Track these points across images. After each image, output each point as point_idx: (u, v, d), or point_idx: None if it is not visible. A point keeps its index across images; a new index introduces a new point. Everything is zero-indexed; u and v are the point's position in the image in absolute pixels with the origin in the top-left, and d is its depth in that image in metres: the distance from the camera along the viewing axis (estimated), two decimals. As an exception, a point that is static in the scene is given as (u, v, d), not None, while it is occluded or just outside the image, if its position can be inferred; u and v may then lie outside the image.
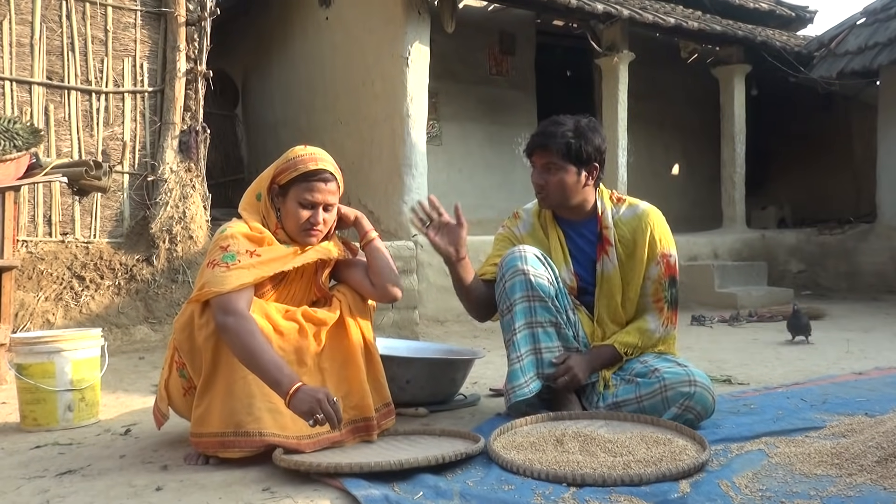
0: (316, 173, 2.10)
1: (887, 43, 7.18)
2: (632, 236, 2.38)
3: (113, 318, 4.62)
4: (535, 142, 2.41)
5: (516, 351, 2.27)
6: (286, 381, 1.86)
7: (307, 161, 2.11)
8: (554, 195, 2.40)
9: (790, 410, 2.42)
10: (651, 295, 2.38)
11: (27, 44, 4.79)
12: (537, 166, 2.42)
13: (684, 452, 1.86)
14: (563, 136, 2.34)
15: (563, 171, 2.36)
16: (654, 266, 2.37)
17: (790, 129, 9.91)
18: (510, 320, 2.29)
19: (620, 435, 2.01)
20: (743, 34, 7.89)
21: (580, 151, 2.34)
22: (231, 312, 1.90)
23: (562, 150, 2.34)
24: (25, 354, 2.54)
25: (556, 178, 2.37)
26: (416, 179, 6.21)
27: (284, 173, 2.11)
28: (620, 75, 7.29)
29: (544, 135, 2.38)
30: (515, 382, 2.25)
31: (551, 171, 2.38)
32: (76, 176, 3.85)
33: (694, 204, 9.36)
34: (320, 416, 1.82)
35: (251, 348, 1.88)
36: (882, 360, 3.64)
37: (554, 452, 1.91)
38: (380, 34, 6.53)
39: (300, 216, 2.10)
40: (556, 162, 2.36)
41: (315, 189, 2.10)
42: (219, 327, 1.92)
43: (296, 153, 2.14)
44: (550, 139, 2.36)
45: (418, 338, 4.64)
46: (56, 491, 1.81)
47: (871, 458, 1.73)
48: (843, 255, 7.81)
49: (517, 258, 2.30)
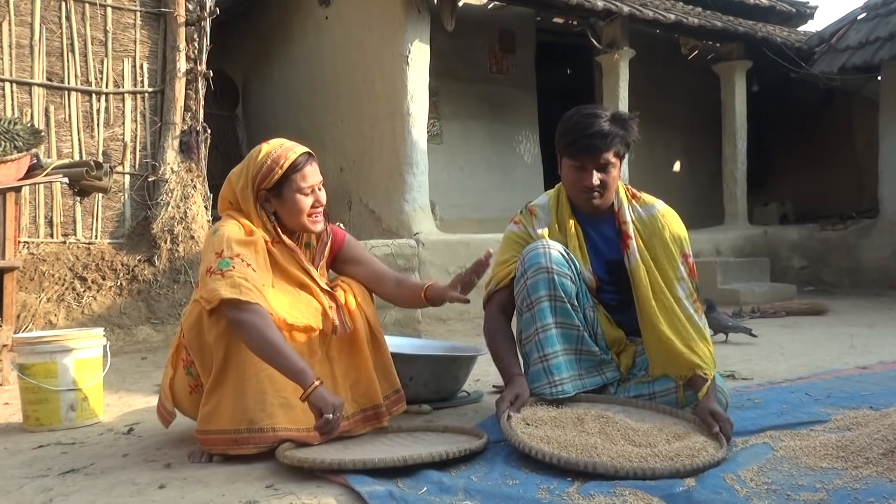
0: (300, 159, 2.12)
1: (888, 38, 7.16)
2: (649, 238, 2.32)
3: (115, 318, 4.62)
4: (590, 144, 2.24)
5: (539, 351, 2.21)
6: (311, 372, 1.89)
7: (286, 153, 2.12)
8: (610, 193, 2.31)
9: (795, 405, 2.41)
10: (690, 295, 2.28)
11: (27, 45, 4.79)
12: (588, 168, 2.26)
13: (704, 450, 1.83)
14: (616, 135, 2.25)
15: (616, 167, 2.29)
16: (682, 266, 2.29)
17: (791, 125, 9.89)
18: (530, 319, 2.23)
19: (643, 424, 2.00)
20: (743, 30, 7.88)
21: (628, 144, 2.29)
22: (244, 308, 1.90)
23: (618, 149, 2.26)
24: (28, 354, 2.54)
25: (612, 176, 2.29)
26: (417, 178, 6.21)
27: (269, 175, 2.10)
28: (621, 72, 7.29)
29: (598, 136, 2.23)
30: (538, 383, 2.19)
31: (608, 171, 2.28)
32: (77, 177, 3.85)
33: (695, 201, 9.35)
34: (331, 417, 1.84)
35: (270, 340, 1.88)
36: (886, 354, 3.63)
37: (573, 432, 1.90)
38: (380, 33, 6.53)
39: (306, 204, 2.12)
40: (612, 160, 2.27)
41: (310, 173, 2.13)
42: (232, 323, 1.92)
43: (267, 154, 2.12)
44: (606, 139, 2.23)
45: (421, 336, 4.63)
46: (59, 490, 1.80)
47: (876, 451, 1.72)
48: (845, 251, 7.80)
49: (540, 254, 2.22)
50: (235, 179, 2.16)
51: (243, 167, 2.15)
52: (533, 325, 2.22)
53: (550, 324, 2.20)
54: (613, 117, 2.28)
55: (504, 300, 2.39)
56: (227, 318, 1.92)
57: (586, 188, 2.29)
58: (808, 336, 4.49)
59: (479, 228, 6.96)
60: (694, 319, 2.23)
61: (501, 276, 2.40)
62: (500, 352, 2.31)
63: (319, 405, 1.85)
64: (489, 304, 2.44)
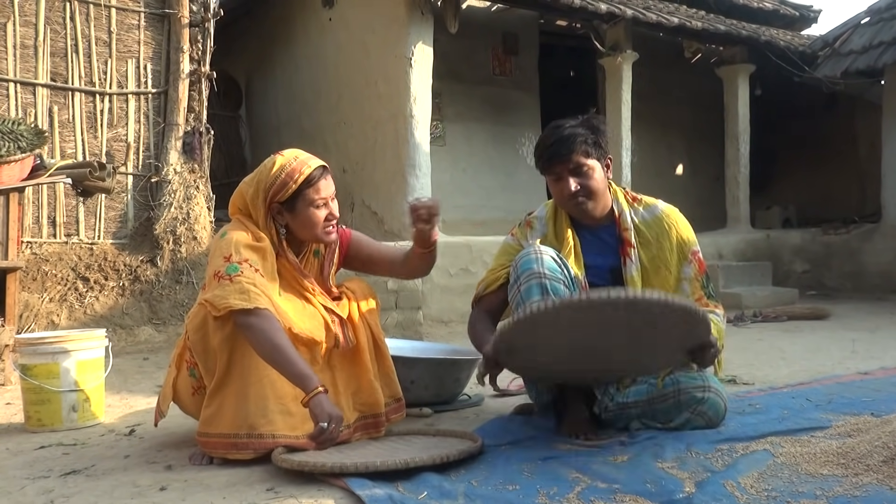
0: (315, 173, 2.11)
1: (892, 42, 7.15)
2: (655, 240, 2.30)
3: (117, 319, 4.63)
4: (554, 152, 2.23)
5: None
6: (316, 377, 1.89)
7: (300, 167, 2.10)
8: (594, 195, 2.27)
9: (795, 410, 2.40)
10: (692, 295, 2.27)
11: (31, 45, 4.81)
12: (564, 176, 2.24)
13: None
14: (578, 135, 2.23)
15: (592, 168, 2.25)
16: (687, 266, 2.29)
17: (794, 129, 9.87)
18: None
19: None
20: (747, 34, 7.88)
21: (598, 143, 2.25)
22: (253, 313, 1.90)
23: (585, 149, 2.23)
24: (30, 355, 2.55)
25: (592, 178, 2.25)
26: (419, 180, 6.21)
27: (284, 189, 2.09)
28: (624, 75, 7.28)
29: (559, 142, 2.23)
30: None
31: (583, 173, 2.24)
32: (80, 177, 3.86)
33: (698, 204, 9.32)
34: (327, 428, 1.83)
35: (278, 344, 1.88)
36: (888, 359, 3.62)
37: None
38: (383, 35, 6.54)
39: (319, 218, 2.12)
40: (584, 162, 2.23)
41: (324, 187, 2.12)
42: (241, 327, 1.92)
43: (281, 167, 2.10)
44: (568, 143, 2.22)
45: (422, 338, 4.63)
46: (60, 491, 1.81)
47: (877, 458, 1.71)
48: (847, 255, 7.79)
49: (532, 260, 2.18)
50: (246, 189, 2.15)
51: (255, 177, 2.14)
52: None
53: None
54: (578, 121, 2.27)
55: (493, 304, 2.39)
56: (235, 322, 1.93)
57: (569, 196, 2.26)
58: (809, 340, 4.48)
59: (481, 230, 6.96)
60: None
61: (491, 280, 2.39)
62: (477, 335, 2.28)
63: (316, 412, 1.84)
64: (477, 305, 2.44)
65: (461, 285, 5.68)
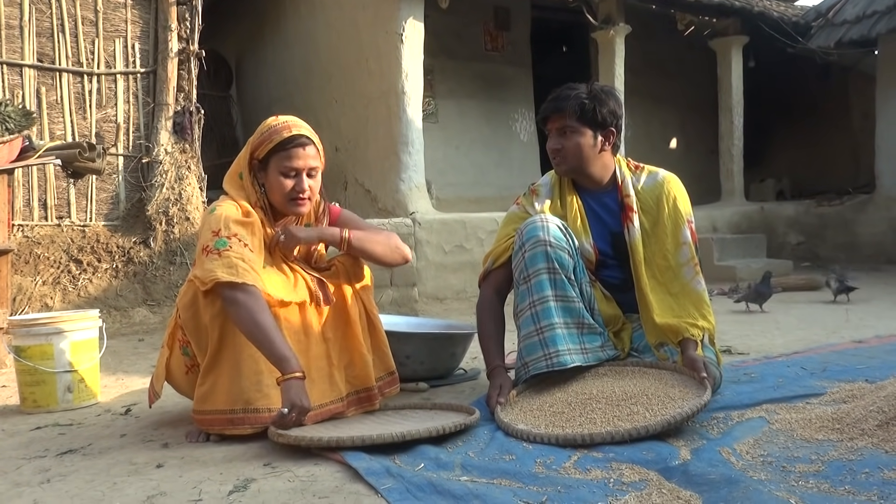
0: (292, 139, 2.08)
1: (886, 11, 7.12)
2: (655, 204, 2.34)
3: (111, 300, 4.62)
4: (550, 106, 2.33)
5: (536, 323, 2.17)
6: (295, 361, 1.87)
7: (281, 130, 2.10)
8: (571, 159, 2.33)
9: (790, 378, 2.41)
10: (691, 259, 2.31)
11: (17, 25, 4.74)
12: (552, 131, 2.35)
13: (690, 397, 1.91)
14: (576, 98, 2.29)
15: (579, 133, 2.30)
16: (685, 229, 2.33)
17: (788, 101, 9.85)
18: (526, 291, 2.21)
19: (628, 387, 2.04)
20: (740, 5, 7.81)
21: (595, 113, 2.28)
22: (239, 288, 1.89)
23: (576, 112, 2.28)
24: (23, 337, 2.54)
25: (573, 142, 2.31)
26: (412, 157, 6.18)
27: (261, 146, 2.10)
28: (617, 49, 7.23)
29: (558, 98, 2.32)
30: (533, 356, 2.17)
31: (567, 135, 2.32)
32: (70, 158, 3.82)
33: (692, 177, 9.26)
34: (289, 415, 1.82)
35: (260, 323, 1.87)
36: (882, 328, 3.64)
37: (564, 408, 1.97)
38: (374, 11, 6.47)
39: (284, 186, 2.09)
40: (571, 125, 2.30)
41: (294, 156, 2.08)
42: (226, 301, 1.91)
43: (269, 125, 2.13)
44: (564, 101, 2.30)
45: (417, 314, 4.63)
46: (57, 470, 1.81)
47: (871, 422, 1.72)
48: (841, 226, 7.81)
49: (538, 228, 2.22)
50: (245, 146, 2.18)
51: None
52: (528, 298, 2.20)
53: (549, 296, 2.18)
54: (589, 89, 2.33)
55: (500, 280, 2.40)
56: (221, 296, 1.92)
57: (550, 151, 2.37)
58: (804, 311, 4.50)
59: (476, 207, 6.94)
60: (691, 285, 2.29)
61: (499, 251, 2.40)
62: (485, 339, 2.34)
63: (283, 396, 1.84)
64: (485, 282, 2.44)
65: (456, 262, 5.68)
